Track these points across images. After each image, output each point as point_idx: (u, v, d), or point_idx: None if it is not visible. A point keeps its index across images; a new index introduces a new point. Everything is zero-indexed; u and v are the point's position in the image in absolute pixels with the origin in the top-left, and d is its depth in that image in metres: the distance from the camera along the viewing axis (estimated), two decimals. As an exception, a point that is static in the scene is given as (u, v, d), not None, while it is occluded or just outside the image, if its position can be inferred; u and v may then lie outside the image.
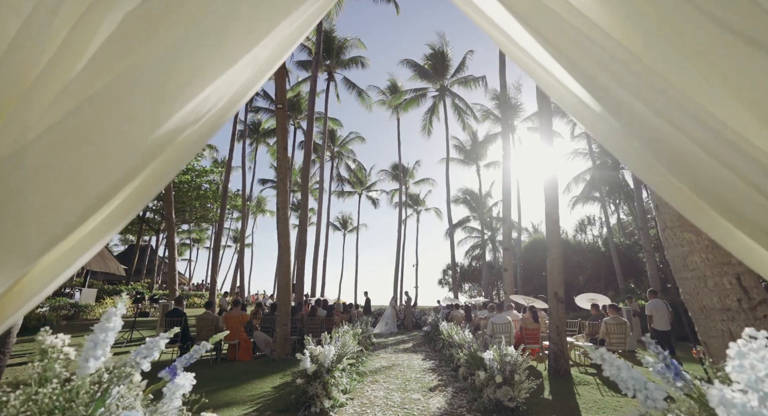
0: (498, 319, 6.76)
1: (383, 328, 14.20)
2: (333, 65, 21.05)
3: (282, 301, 6.46)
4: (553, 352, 5.45)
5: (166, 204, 10.38)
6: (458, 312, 10.93)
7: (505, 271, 9.08)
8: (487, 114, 23.96)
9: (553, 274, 5.75)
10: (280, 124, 6.86)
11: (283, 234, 6.66)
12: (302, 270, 9.97)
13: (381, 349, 9.26)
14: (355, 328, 7.20)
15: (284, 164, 6.81)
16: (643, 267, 22.90)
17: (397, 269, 25.93)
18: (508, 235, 9.36)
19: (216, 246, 14.37)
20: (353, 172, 31.58)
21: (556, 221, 5.91)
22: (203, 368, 6.18)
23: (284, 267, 6.57)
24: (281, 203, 6.67)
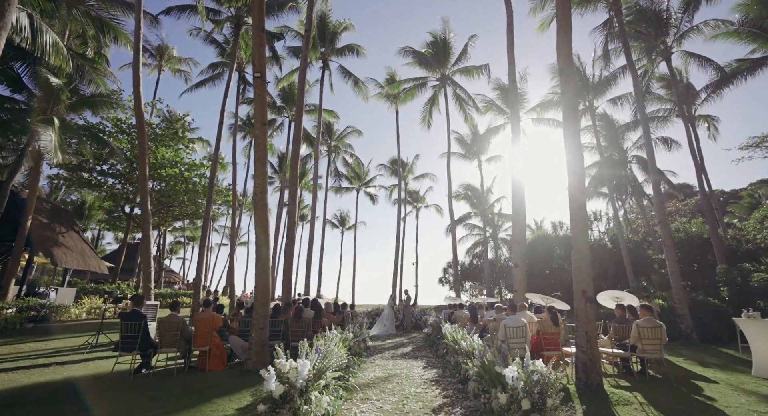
0: (512, 322, 5.82)
1: (380, 329, 13.28)
2: (328, 53, 20.04)
3: (260, 301, 5.52)
4: (581, 363, 4.50)
5: (141, 194, 9.42)
6: (462, 312, 10.00)
7: (516, 267, 8.13)
8: (490, 105, 22.96)
9: (580, 269, 4.80)
10: (258, 96, 5.91)
11: (262, 222, 5.71)
12: (290, 266, 9.02)
13: (377, 354, 8.32)
14: (346, 332, 6.25)
15: (263, 141, 5.86)
16: (652, 264, 22.01)
17: (396, 267, 25.01)
18: (520, 227, 8.40)
19: (203, 242, 13.41)
20: (351, 167, 30.60)
21: (582, 206, 4.97)
22: (165, 379, 5.24)
23: (262, 262, 5.62)
24: (259, 187, 5.71)
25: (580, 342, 4.59)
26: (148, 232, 9.29)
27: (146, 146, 9.57)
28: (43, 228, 13.02)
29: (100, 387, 4.69)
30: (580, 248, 4.85)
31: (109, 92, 16.17)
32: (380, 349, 9.12)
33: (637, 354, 5.55)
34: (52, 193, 26.70)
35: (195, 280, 12.62)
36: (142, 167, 9.34)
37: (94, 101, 11.32)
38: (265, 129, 5.96)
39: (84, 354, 7.07)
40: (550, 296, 6.55)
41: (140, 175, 9.41)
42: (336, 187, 32.06)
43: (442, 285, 38.28)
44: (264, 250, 5.65)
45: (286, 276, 8.98)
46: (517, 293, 7.99)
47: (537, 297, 6.92)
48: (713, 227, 13.59)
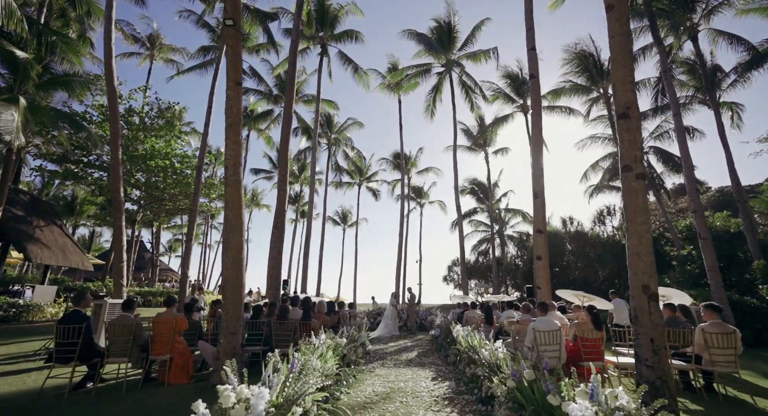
0: (543, 325, 4.70)
1: (383, 331, 12.19)
2: (326, 37, 18.93)
3: (230, 299, 4.45)
4: (648, 382, 3.37)
5: (112, 179, 8.39)
6: (474, 312, 8.88)
7: (539, 260, 7.00)
8: (498, 93, 21.76)
9: (639, 257, 3.69)
10: (230, 49, 4.83)
11: (234, 203, 4.63)
12: (278, 259, 7.95)
13: (377, 360, 7.23)
14: (338, 338, 5.16)
15: (236, 105, 4.79)
16: (670, 261, 20.73)
17: (399, 265, 23.92)
18: (541, 214, 7.26)
19: (189, 236, 12.40)
20: (351, 161, 29.50)
21: (642, 174, 3.83)
22: (108, 397, 4.19)
23: (233, 250, 4.55)
24: (230, 159, 4.64)
25: (644, 355, 3.46)
26: (121, 222, 8.27)
27: (119, 127, 8.55)
28: (17, 221, 12.06)
29: (12, 411, 3.63)
30: (638, 230, 3.73)
31: (93, 77, 15.20)
32: (381, 354, 8.03)
33: (703, 367, 4.42)
34: (44, 188, 25.88)
35: (181, 276, 11.61)
36: (114, 150, 8.31)
37: (69, 81, 10.34)
38: (239, 90, 4.88)
39: (35, 361, 6.04)
40: (583, 294, 5.43)
41: (112, 158, 8.39)
42: (336, 181, 30.99)
43: (446, 284, 37.13)
44: (236, 237, 4.58)
45: (274, 272, 7.91)
46: (540, 290, 6.86)
47: (569, 295, 5.80)
48: (746, 221, 12.37)
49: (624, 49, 3.89)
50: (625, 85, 3.85)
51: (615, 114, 4.03)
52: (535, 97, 7.91)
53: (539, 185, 7.43)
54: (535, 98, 7.93)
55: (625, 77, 3.86)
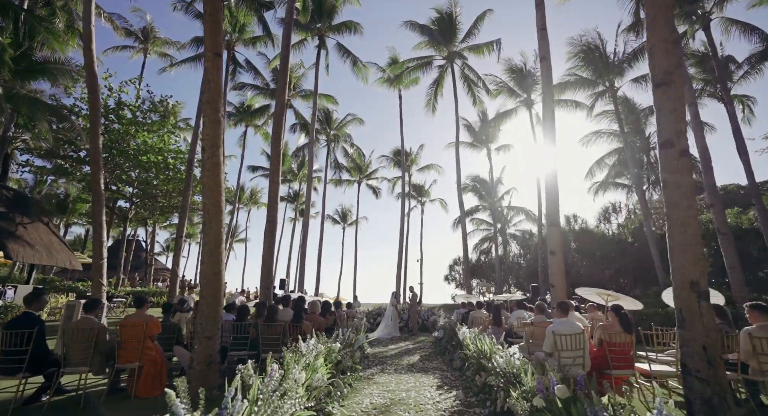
0: (564, 327, 4.12)
1: (383, 332, 11.62)
2: (324, 29, 18.35)
3: (207, 298, 3.87)
4: (700, 399, 2.79)
5: (91, 170, 7.82)
6: (480, 313, 8.30)
7: (553, 255, 6.41)
8: (501, 88, 21.15)
9: (684, 248, 3.11)
10: (208, 15, 4.24)
11: (212, 189, 4.05)
12: (270, 255, 7.37)
13: (377, 365, 6.66)
14: (331, 342, 4.58)
15: (215, 78, 4.21)
16: (678, 259, 20.15)
17: (399, 264, 23.33)
18: (554, 207, 6.68)
19: (179, 233, 11.83)
20: (351, 158, 28.91)
21: (685, 151, 3.25)
22: (65, 411, 3.62)
23: (212, 242, 3.97)
24: (208, 139, 4.05)
25: (694, 366, 2.88)
26: (101, 217, 7.70)
27: (99, 114, 7.97)
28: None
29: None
30: (683, 218, 3.15)
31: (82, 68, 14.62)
32: (381, 358, 7.45)
33: (751, 376, 3.84)
34: (37, 186, 25.32)
35: (171, 275, 11.04)
36: (94, 138, 7.73)
37: (49, 69, 9.77)
38: (218, 62, 4.30)
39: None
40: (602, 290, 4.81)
41: (90, 148, 7.81)
42: (336, 179, 30.40)
43: (448, 283, 36.54)
44: (214, 227, 4.00)
45: (266, 269, 7.34)
46: (555, 288, 6.28)
47: (591, 293, 5.20)
48: (764, 217, 11.76)
49: (665, 2, 3.30)
50: (665, 45, 3.27)
51: (652, 81, 3.45)
52: (547, 81, 7.33)
53: (552, 174, 6.85)
54: (546, 82, 7.35)
55: (666, 36, 3.28)
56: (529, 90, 20.78)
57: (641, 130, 22.16)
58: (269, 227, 7.52)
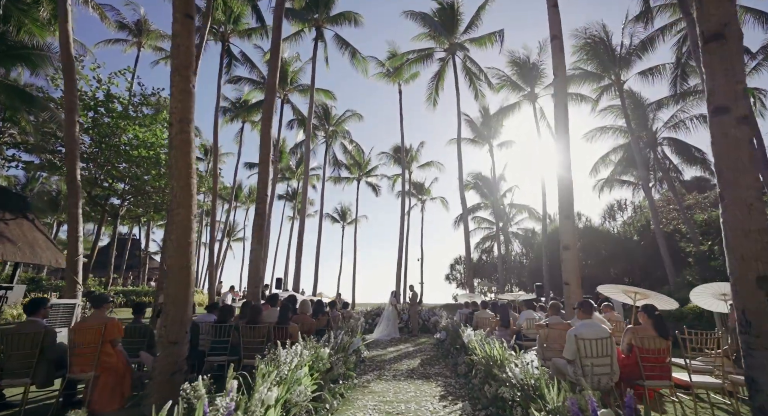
0: (589, 331, 3.55)
1: (382, 333, 11.05)
2: (321, 20, 17.77)
3: (173, 297, 3.30)
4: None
5: (67, 160, 7.24)
6: (486, 313, 7.72)
7: (566, 250, 5.83)
8: (504, 81, 20.55)
9: (747, 235, 2.55)
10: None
11: (182, 169, 3.48)
12: (259, 252, 6.79)
13: (373, 370, 6.08)
14: (322, 348, 4.01)
15: (186, 43, 3.64)
16: (686, 258, 19.55)
17: (399, 263, 22.74)
18: (567, 199, 6.11)
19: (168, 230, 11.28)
20: (350, 154, 28.33)
21: (744, 117, 2.67)
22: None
23: (179, 231, 3.40)
24: (178, 112, 3.48)
25: (764, 378, 2.30)
26: (77, 210, 7.12)
27: (76, 99, 7.40)
28: (-22, 214, 10.94)
29: None
30: (744, 198, 2.58)
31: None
32: (378, 362, 6.88)
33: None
34: (29, 183, 24.77)
35: (159, 275, 10.48)
36: (70, 125, 7.16)
37: (27, 54, 9.21)
38: (189, 25, 3.73)
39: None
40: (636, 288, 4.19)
41: (66, 135, 7.24)
42: (335, 176, 29.84)
43: (449, 283, 35.99)
44: (182, 214, 3.43)
45: (254, 266, 6.77)
46: (569, 286, 5.70)
47: (615, 291, 4.58)
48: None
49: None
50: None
51: (701, 36, 2.87)
52: (559, 62, 6.75)
53: (565, 162, 6.27)
54: (558, 64, 6.76)
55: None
56: (533, 83, 20.20)
57: (648, 126, 21.53)
58: (258, 220, 6.94)
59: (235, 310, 5.47)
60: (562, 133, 6.42)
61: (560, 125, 6.50)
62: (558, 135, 6.45)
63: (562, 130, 6.45)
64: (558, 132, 6.47)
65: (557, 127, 6.52)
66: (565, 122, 6.52)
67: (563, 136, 6.41)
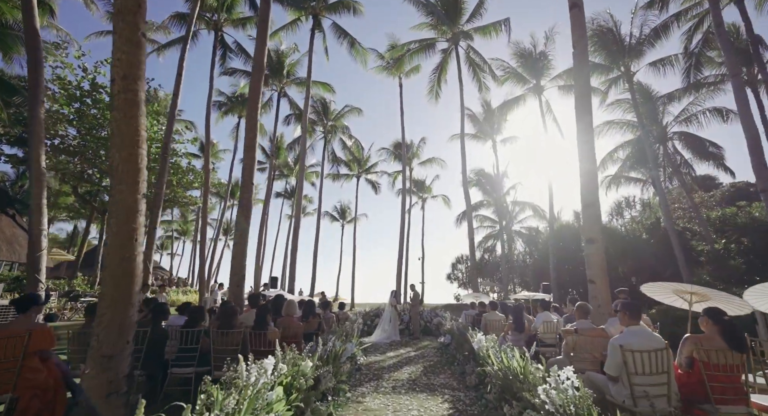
0: (638, 340, 2.81)
1: (381, 335, 10.32)
2: (319, 8, 17.03)
3: (109, 299, 2.58)
4: None
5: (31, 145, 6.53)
6: (495, 315, 6.98)
7: (591, 244, 5.08)
8: (509, 74, 19.77)
9: None
10: None
11: (122, 135, 2.77)
12: (243, 248, 6.07)
13: (370, 381, 5.35)
14: (304, 361, 3.27)
15: None
16: (698, 257, 18.79)
17: (400, 262, 21.98)
18: (591, 185, 5.36)
19: (153, 224, 10.57)
20: (349, 150, 27.59)
21: None
22: None
23: (121, 213, 2.68)
24: (121, 66, 2.78)
25: None
26: (40, 200, 6.42)
27: (41, 78, 6.69)
28: (-50, 208, 10.24)
29: None
30: None
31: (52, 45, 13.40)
32: (376, 370, 6.15)
33: None
34: (19, 179, 24.09)
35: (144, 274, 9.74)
36: (34, 105, 6.45)
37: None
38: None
39: None
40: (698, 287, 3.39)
41: (29, 116, 6.52)
42: (334, 173, 29.10)
43: (450, 282, 35.25)
44: (124, 192, 2.70)
45: (237, 262, 6.04)
46: (595, 285, 4.95)
47: (663, 291, 3.78)
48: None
49: None
50: None
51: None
52: (580, 33, 6.01)
53: (587, 144, 5.52)
54: (578, 37, 6.02)
55: None
56: (539, 75, 19.44)
57: (658, 120, 20.75)
58: (242, 211, 6.21)
59: (204, 312, 4.73)
60: (583, 112, 5.68)
61: (581, 104, 5.75)
62: (579, 115, 5.70)
63: (584, 109, 5.71)
64: (579, 111, 5.73)
65: (578, 106, 5.78)
66: (586, 101, 5.78)
67: (585, 115, 5.66)
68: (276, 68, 20.99)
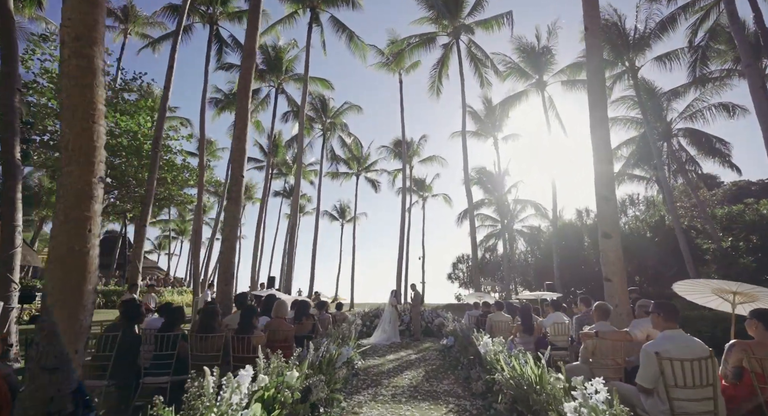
0: (677, 346, 2.41)
1: (380, 337, 9.91)
2: (317, 1, 16.60)
3: (56, 298, 2.17)
4: None
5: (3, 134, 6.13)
6: (501, 316, 6.57)
7: (607, 239, 4.67)
8: (511, 69, 19.35)
9: None
10: None
11: (74, 108, 2.37)
12: (233, 243, 5.66)
13: (368, 387, 4.95)
14: (289, 370, 2.85)
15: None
16: (703, 255, 18.41)
17: (400, 262, 21.56)
18: (607, 174, 4.96)
19: (143, 221, 10.16)
20: (348, 148, 27.17)
21: None
22: None
23: (70, 198, 2.27)
24: (73, 26, 2.38)
25: None
26: (15, 194, 6.01)
27: (15, 64, 6.29)
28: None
29: None
30: None
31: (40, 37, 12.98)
32: (375, 375, 5.74)
33: None
34: (11, 178, 23.66)
35: (131, 271, 9.35)
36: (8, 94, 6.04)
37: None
38: None
39: None
40: None
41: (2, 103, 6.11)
42: (333, 171, 28.69)
43: (451, 282, 34.85)
44: (75, 173, 2.30)
45: (226, 258, 5.62)
46: (612, 284, 4.54)
47: (699, 290, 3.34)
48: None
49: None
50: None
51: None
52: (591, 10, 5.60)
53: (603, 132, 5.12)
54: (590, 14, 5.62)
55: None
56: (542, 70, 19.03)
57: (662, 116, 20.34)
58: (231, 208, 5.79)
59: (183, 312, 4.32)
60: (597, 94, 5.28)
61: (594, 84, 5.35)
62: (592, 99, 5.30)
63: (598, 90, 5.30)
64: (592, 95, 5.33)
65: (591, 89, 5.38)
66: (599, 80, 5.38)
67: (599, 98, 5.26)
68: (274, 64, 20.58)
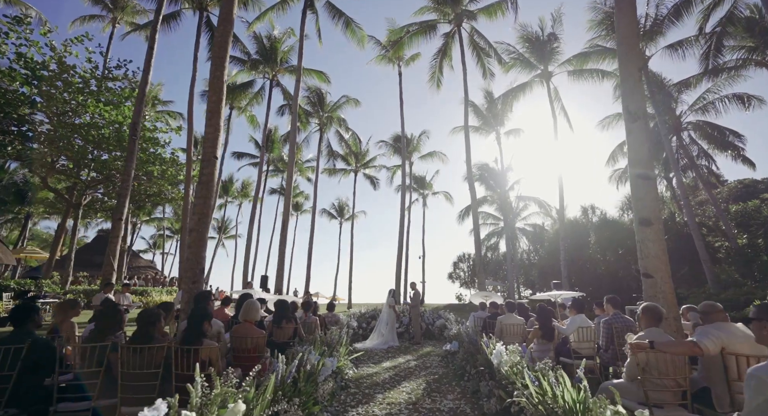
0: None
1: (377, 340, 9.10)
2: (312, -15, 15.82)
3: None
4: None
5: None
6: (513, 318, 5.74)
7: (647, 226, 3.87)
8: (515, 60, 18.54)
9: None
10: None
11: None
12: (203, 234, 4.86)
13: (358, 405, 4.12)
14: (237, 396, 2.03)
15: None
16: (715, 254, 17.62)
17: (399, 261, 20.74)
18: (641, 149, 4.15)
19: (118, 215, 9.34)
20: (346, 144, 26.34)
21: None
22: None
23: None
24: None
25: None
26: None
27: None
28: None
29: None
30: None
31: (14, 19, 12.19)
32: (368, 387, 4.92)
33: None
34: (-3, 174, 22.84)
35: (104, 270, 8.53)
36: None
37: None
38: None
39: None
40: None
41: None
42: (330, 168, 27.86)
43: (452, 282, 34.02)
44: None
45: (193, 252, 4.82)
46: (653, 281, 3.73)
47: None
48: None
49: None
50: None
51: None
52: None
53: (639, 101, 4.31)
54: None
55: None
56: (547, 60, 18.23)
57: (671, 108, 19.53)
58: (203, 192, 4.99)
59: (122, 316, 3.50)
60: (627, 67, 4.46)
61: (626, 60, 4.54)
62: (623, 69, 4.48)
63: (634, 65, 4.49)
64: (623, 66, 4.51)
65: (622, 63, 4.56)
66: (635, 49, 4.57)
67: (630, 69, 4.44)
68: (268, 54, 19.77)
